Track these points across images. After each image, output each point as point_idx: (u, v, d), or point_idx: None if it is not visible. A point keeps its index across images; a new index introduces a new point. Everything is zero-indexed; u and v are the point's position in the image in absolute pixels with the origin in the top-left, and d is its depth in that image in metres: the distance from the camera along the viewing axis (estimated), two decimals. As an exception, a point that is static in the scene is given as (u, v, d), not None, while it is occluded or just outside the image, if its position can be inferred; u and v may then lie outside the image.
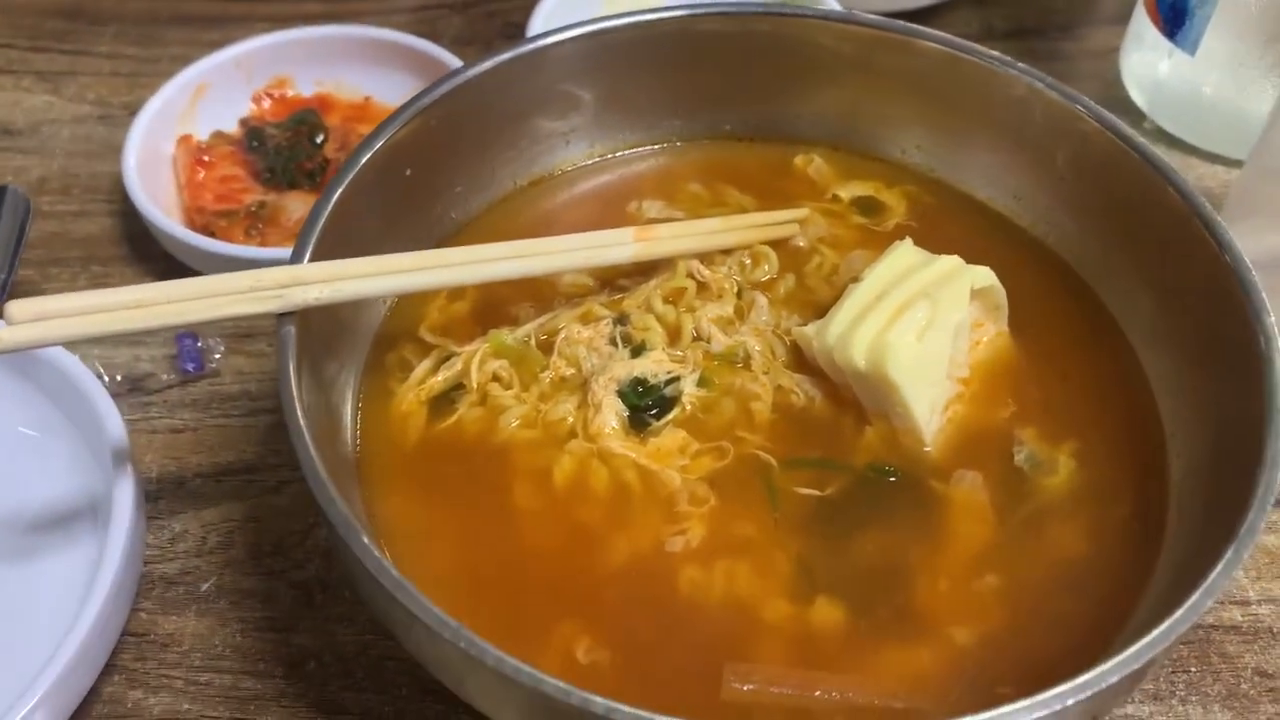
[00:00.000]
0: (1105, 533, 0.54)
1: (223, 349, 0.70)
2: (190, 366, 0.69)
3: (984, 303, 0.59)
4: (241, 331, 0.72)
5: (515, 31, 0.94)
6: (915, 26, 0.65)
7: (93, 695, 0.56)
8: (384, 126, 0.57)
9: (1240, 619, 0.60)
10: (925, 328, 0.56)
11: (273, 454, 0.67)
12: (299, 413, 0.46)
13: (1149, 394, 0.58)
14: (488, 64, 0.62)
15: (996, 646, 0.50)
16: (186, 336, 0.69)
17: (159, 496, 0.64)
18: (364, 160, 0.56)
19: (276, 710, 0.57)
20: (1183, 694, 0.58)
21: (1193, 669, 0.58)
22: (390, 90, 0.84)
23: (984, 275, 0.59)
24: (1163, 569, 0.51)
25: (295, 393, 0.47)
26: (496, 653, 0.40)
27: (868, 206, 0.68)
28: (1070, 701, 0.41)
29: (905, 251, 0.60)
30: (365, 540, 0.43)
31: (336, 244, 0.54)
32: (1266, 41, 0.76)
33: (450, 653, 0.41)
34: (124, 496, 0.56)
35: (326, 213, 0.53)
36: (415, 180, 0.60)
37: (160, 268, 0.75)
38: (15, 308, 0.45)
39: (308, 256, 0.52)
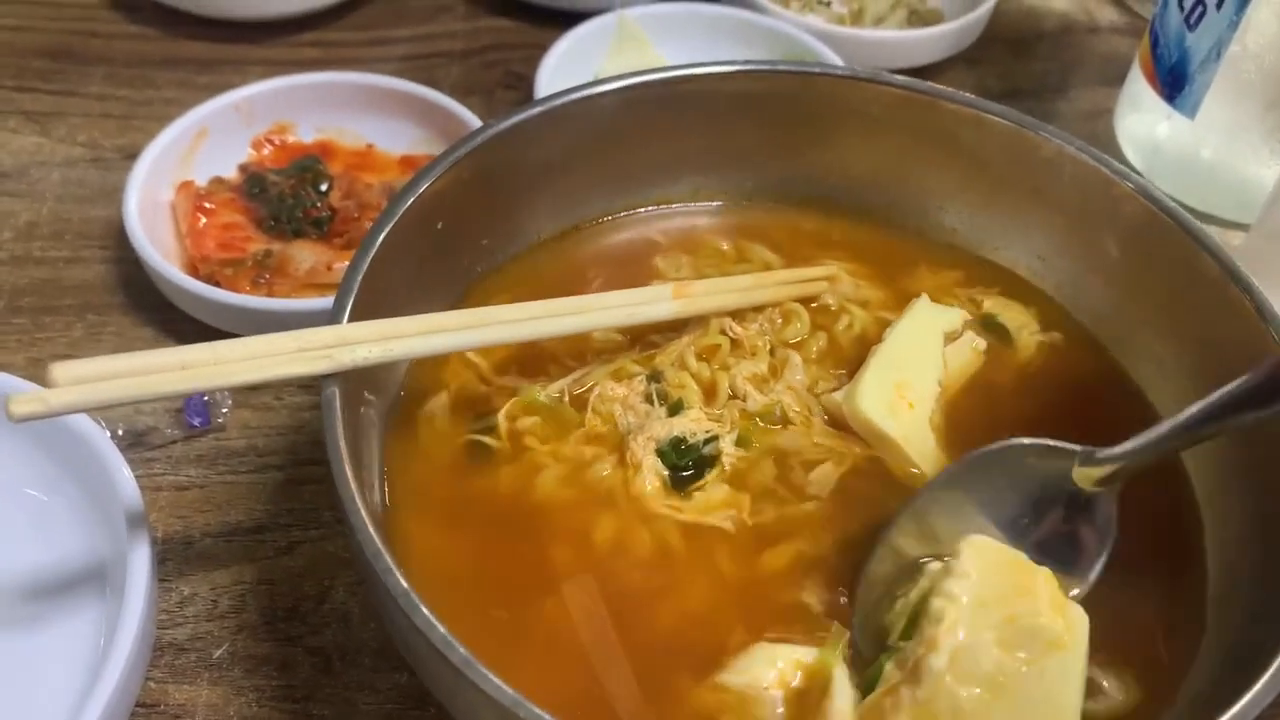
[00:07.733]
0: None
1: (230, 403, 0.67)
2: (197, 421, 0.66)
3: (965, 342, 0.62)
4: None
5: (515, 81, 0.94)
6: (941, 88, 0.65)
7: (102, 772, 0.53)
8: (420, 178, 0.56)
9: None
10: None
11: (284, 513, 0.64)
12: (350, 481, 0.44)
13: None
14: (519, 117, 0.61)
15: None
16: (193, 390, 0.66)
17: (165, 558, 0.61)
18: (401, 212, 0.54)
19: (298, 785, 0.54)
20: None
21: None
22: (392, 139, 0.83)
23: (953, 319, 0.62)
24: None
25: (344, 458, 0.45)
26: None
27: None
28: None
29: (920, 311, 0.62)
30: (428, 614, 0.41)
31: (370, 298, 0.53)
32: (1266, 107, 0.78)
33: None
34: (138, 560, 0.53)
35: (364, 268, 0.52)
36: (445, 233, 0.59)
37: (159, 318, 0.73)
38: (58, 370, 0.42)
39: (347, 314, 0.50)
